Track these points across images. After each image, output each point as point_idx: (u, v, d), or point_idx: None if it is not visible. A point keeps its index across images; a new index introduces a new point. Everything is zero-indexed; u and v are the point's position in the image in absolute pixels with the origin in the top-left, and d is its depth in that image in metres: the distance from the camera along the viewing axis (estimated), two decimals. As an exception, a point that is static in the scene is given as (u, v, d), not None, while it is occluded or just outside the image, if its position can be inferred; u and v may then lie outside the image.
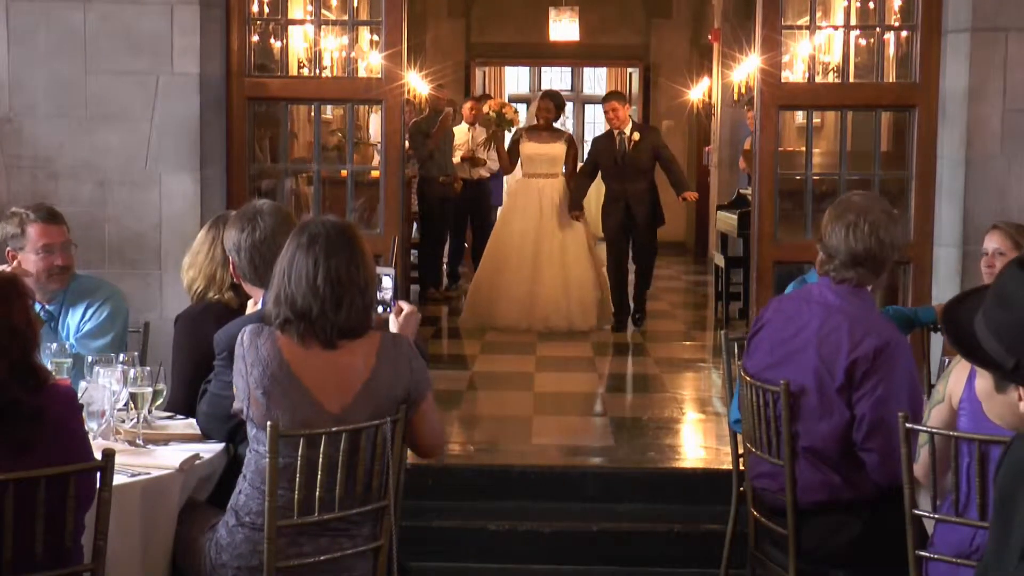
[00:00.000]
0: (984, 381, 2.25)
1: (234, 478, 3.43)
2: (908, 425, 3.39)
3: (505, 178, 11.14)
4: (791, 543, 3.81)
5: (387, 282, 3.66)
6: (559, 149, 9.98)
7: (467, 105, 11.87)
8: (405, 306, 3.62)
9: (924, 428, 3.42)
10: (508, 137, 10.95)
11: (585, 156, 10.23)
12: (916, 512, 3.37)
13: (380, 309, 3.58)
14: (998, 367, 2.17)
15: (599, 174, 9.87)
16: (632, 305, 9.81)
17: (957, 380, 3.34)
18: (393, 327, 3.58)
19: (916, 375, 3.85)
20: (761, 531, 4.09)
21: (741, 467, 4.31)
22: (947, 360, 3.47)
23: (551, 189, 9.91)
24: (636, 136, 9.55)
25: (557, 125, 10.25)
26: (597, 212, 10.44)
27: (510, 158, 10.28)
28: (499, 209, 11.03)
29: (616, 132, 9.59)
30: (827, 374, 3.75)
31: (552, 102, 10.13)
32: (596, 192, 10.33)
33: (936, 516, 3.35)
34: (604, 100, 10.09)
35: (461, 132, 11.51)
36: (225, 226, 3.89)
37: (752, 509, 4.09)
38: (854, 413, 3.73)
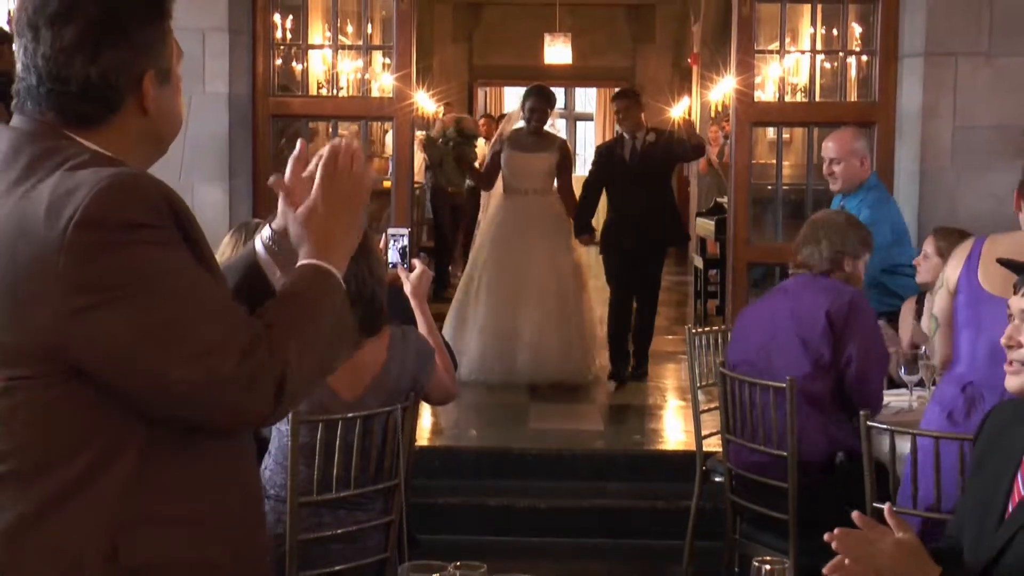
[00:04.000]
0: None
1: (260, 455, 3.43)
2: (869, 423, 3.40)
3: (483, 194, 8.19)
4: (792, 526, 3.76)
5: (402, 241, 3.66)
6: (549, 160, 7.16)
7: (481, 121, 11.86)
8: (418, 265, 3.63)
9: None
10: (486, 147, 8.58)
11: (588, 170, 7.61)
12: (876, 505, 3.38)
13: (393, 266, 3.58)
14: None
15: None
16: (630, 353, 7.29)
17: (954, 267, 3.42)
18: (406, 285, 3.59)
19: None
20: (745, 515, 4.03)
21: (704, 448, 4.38)
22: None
23: (540, 209, 7.18)
24: (651, 138, 7.06)
25: (547, 128, 7.40)
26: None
27: (488, 174, 7.41)
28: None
29: (627, 137, 7.12)
30: (817, 340, 3.85)
31: (545, 101, 7.26)
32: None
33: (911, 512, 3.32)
34: (615, 98, 7.36)
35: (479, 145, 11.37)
36: (247, 232, 3.89)
37: (731, 495, 4.03)
38: (840, 358, 3.84)
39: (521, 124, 7.35)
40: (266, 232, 1.91)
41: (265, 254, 1.90)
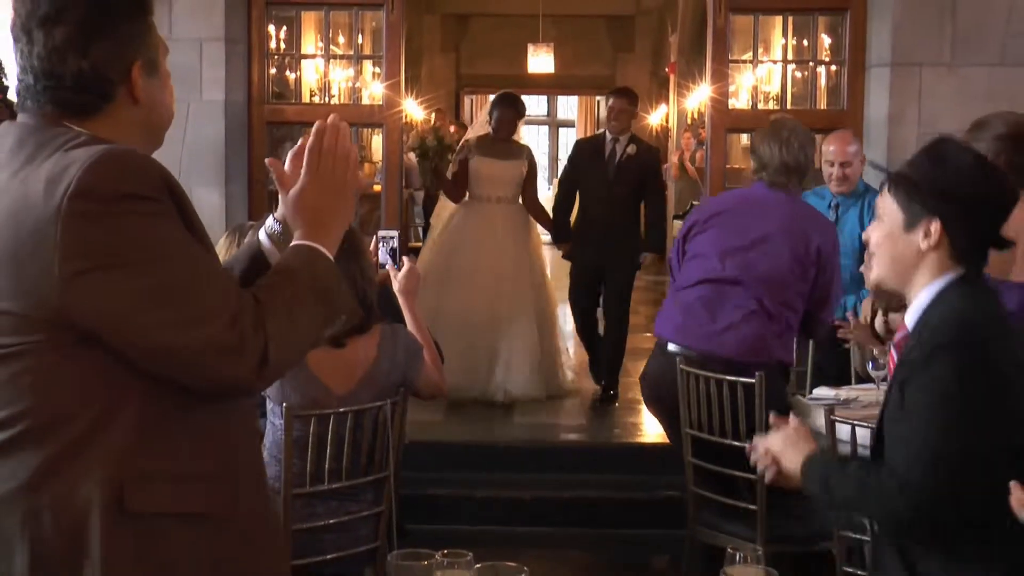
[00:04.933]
0: (887, 223, 2.29)
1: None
2: (832, 417, 3.41)
3: (443, 200, 7.32)
4: (760, 515, 3.76)
5: (392, 243, 3.65)
6: (518, 169, 6.63)
7: (452, 128, 11.85)
8: (406, 263, 3.63)
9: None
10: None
11: (561, 168, 6.99)
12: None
13: (383, 266, 3.58)
14: (920, 194, 2.24)
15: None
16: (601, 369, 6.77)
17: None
18: (395, 284, 3.60)
19: None
20: (708, 506, 4.00)
21: None
22: None
23: (505, 217, 6.61)
24: (632, 150, 6.57)
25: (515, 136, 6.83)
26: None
27: (457, 183, 6.72)
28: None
29: (610, 138, 6.62)
30: (804, 255, 3.98)
31: (515, 110, 6.70)
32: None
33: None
34: (611, 95, 6.78)
35: None
36: (241, 233, 3.88)
37: (694, 487, 3.99)
38: (816, 285, 4.01)
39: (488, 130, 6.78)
40: (269, 221, 1.94)
41: (268, 243, 1.93)
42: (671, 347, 4.11)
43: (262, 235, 1.94)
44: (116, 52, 1.75)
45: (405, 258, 3.65)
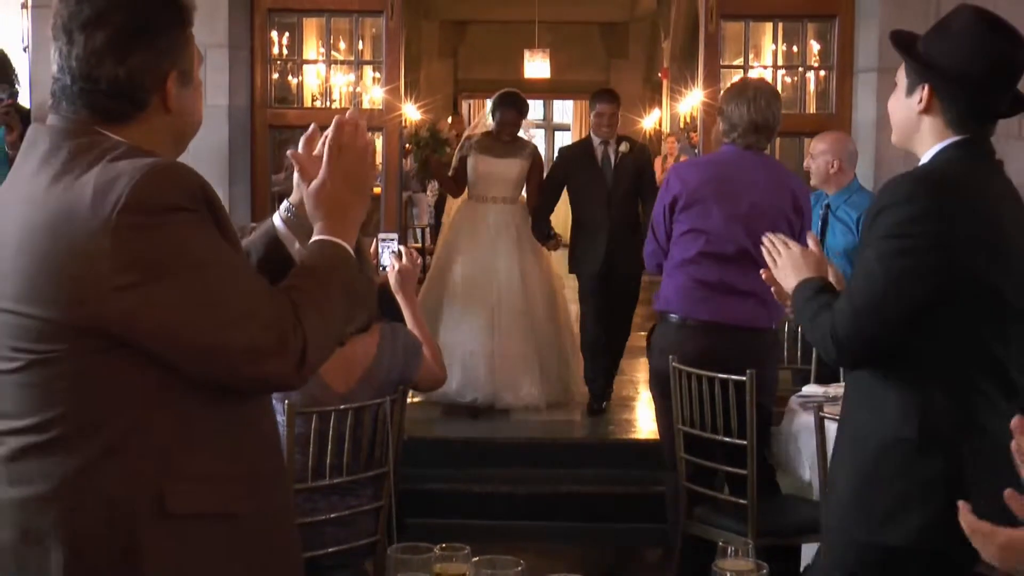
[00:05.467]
0: (899, 88, 2.42)
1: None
2: (821, 414, 3.42)
3: (449, 201, 7.10)
4: (751, 510, 3.78)
5: (392, 246, 3.64)
6: (519, 167, 6.24)
7: (451, 120, 11.81)
8: (403, 258, 3.63)
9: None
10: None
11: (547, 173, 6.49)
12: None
13: (384, 269, 3.57)
14: (911, 60, 2.35)
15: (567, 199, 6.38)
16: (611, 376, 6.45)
17: None
18: (393, 283, 3.59)
19: None
20: (700, 501, 4.00)
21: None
22: None
23: (508, 217, 6.24)
24: (625, 148, 6.19)
25: (520, 133, 6.38)
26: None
27: (457, 180, 6.40)
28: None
29: (599, 143, 6.25)
30: (791, 211, 4.05)
31: (516, 111, 6.27)
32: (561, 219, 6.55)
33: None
34: (598, 100, 6.29)
35: None
36: (244, 234, 3.87)
37: (686, 482, 3.99)
38: (801, 236, 4.11)
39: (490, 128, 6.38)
40: (284, 206, 1.96)
41: (284, 227, 1.95)
42: (672, 317, 4.14)
43: (277, 220, 1.96)
44: (153, 62, 1.74)
45: (402, 248, 3.64)
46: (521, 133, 6.38)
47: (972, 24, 2.29)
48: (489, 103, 6.41)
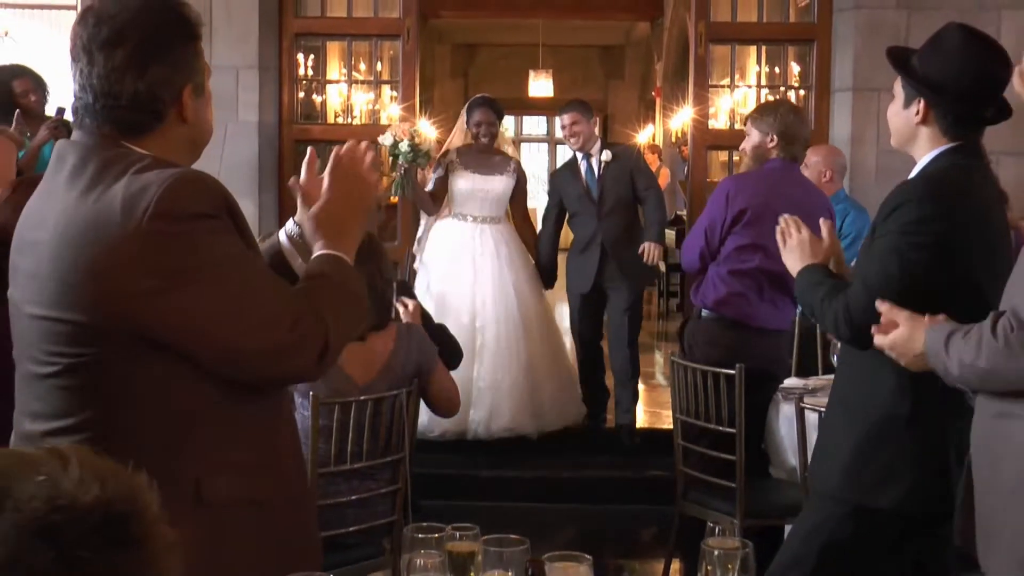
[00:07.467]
0: (897, 99, 2.45)
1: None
2: (802, 404, 3.40)
3: (424, 220, 5.75)
4: (739, 494, 3.72)
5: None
6: (505, 184, 5.43)
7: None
8: (409, 304, 3.66)
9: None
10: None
11: (547, 199, 5.73)
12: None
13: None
14: (906, 78, 2.38)
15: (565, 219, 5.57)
16: (608, 394, 5.65)
17: None
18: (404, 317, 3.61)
19: None
20: (697, 485, 3.94)
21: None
22: None
23: (493, 238, 5.39)
24: (607, 156, 5.35)
25: (505, 148, 5.63)
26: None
27: (436, 196, 5.46)
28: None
29: (581, 157, 5.45)
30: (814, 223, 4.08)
31: (493, 109, 5.47)
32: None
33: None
34: (562, 111, 5.55)
35: None
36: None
37: (683, 467, 3.95)
38: None
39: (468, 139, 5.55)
40: (290, 225, 1.94)
41: (288, 244, 1.93)
42: (706, 314, 4.21)
43: (282, 236, 1.94)
44: (170, 76, 1.71)
45: (408, 301, 3.68)
46: (506, 148, 5.66)
47: (961, 42, 2.34)
48: (463, 114, 5.58)
